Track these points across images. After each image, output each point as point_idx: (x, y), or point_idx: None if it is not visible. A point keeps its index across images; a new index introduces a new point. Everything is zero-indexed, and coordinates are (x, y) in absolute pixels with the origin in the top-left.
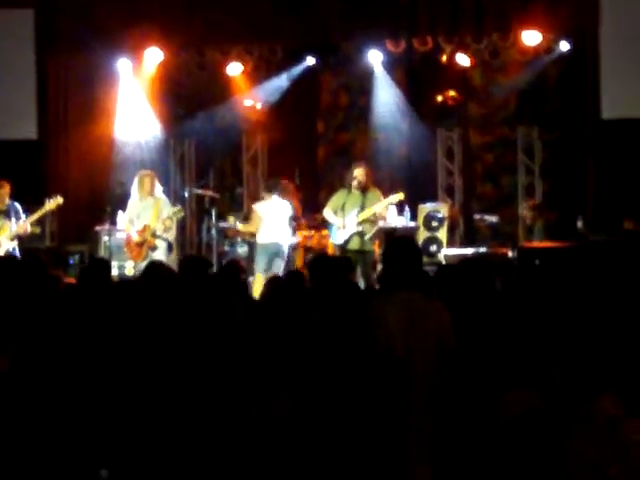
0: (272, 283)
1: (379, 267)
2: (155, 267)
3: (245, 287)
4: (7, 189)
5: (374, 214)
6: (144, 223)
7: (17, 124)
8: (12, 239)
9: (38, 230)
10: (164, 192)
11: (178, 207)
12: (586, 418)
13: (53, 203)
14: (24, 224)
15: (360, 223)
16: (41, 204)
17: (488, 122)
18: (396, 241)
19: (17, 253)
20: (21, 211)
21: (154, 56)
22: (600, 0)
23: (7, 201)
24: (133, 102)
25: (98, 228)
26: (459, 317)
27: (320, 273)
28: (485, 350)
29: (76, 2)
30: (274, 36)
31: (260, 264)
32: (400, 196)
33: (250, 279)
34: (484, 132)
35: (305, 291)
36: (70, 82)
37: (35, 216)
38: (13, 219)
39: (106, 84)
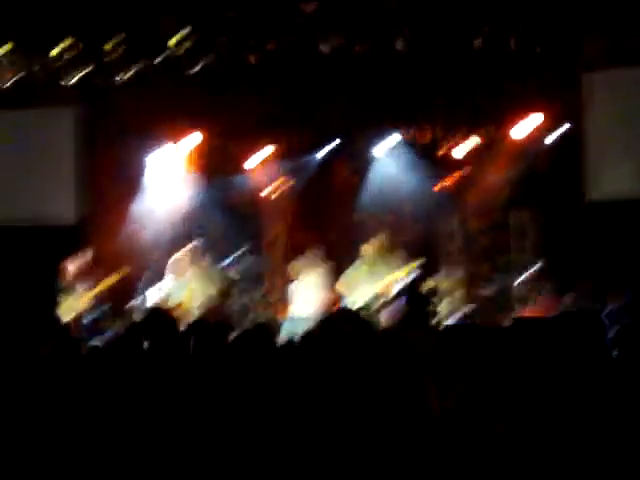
0: None
1: None
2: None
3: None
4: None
5: (380, 291)
6: (179, 301)
7: (57, 210)
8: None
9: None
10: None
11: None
12: None
13: (114, 278)
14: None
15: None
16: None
17: (484, 208)
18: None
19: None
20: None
21: (180, 147)
22: (583, 97)
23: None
24: (161, 187)
25: (129, 305)
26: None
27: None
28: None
29: (110, 102)
30: (291, 132)
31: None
32: (402, 274)
33: None
34: (480, 217)
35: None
36: (105, 170)
37: (96, 290)
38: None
39: (138, 171)
